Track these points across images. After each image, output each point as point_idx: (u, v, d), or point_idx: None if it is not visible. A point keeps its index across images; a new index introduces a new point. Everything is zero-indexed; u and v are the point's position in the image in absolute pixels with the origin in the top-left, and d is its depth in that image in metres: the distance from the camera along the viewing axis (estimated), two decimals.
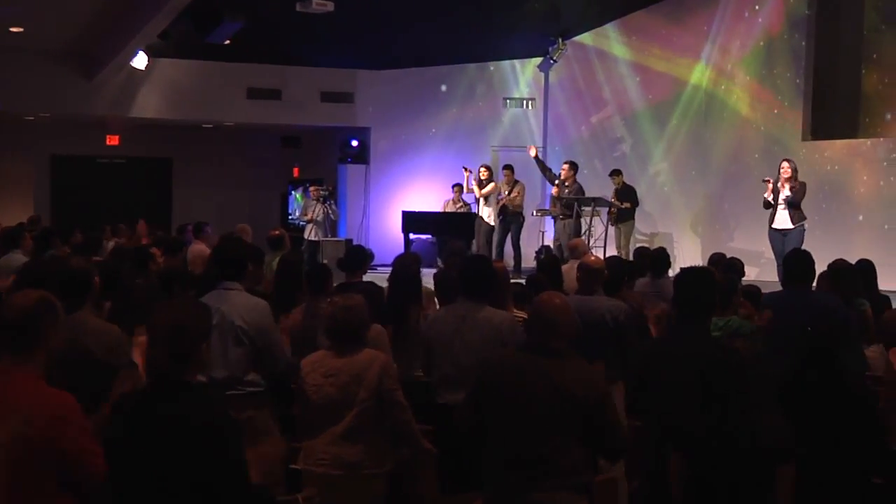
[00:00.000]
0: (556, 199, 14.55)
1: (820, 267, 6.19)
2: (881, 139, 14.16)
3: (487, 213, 14.93)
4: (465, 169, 15.58)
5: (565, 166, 14.52)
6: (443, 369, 5.37)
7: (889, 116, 14.19)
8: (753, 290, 7.04)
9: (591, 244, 13.91)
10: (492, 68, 18.22)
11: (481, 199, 15.26)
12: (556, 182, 14.33)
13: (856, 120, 14.62)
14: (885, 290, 8.14)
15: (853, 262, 7.38)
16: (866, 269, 7.77)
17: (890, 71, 14.17)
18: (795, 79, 14.92)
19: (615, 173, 15.62)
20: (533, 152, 15.05)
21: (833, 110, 14.90)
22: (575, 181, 14.46)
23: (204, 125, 18.89)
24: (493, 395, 4.05)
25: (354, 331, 4.80)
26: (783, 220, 12.09)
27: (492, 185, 14.96)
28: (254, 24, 14.48)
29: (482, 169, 15.26)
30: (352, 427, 4.67)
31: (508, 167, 15.52)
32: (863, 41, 14.55)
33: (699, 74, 16.17)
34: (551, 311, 4.07)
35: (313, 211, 16.11)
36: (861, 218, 14.04)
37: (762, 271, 13.82)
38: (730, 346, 3.65)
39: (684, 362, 4.20)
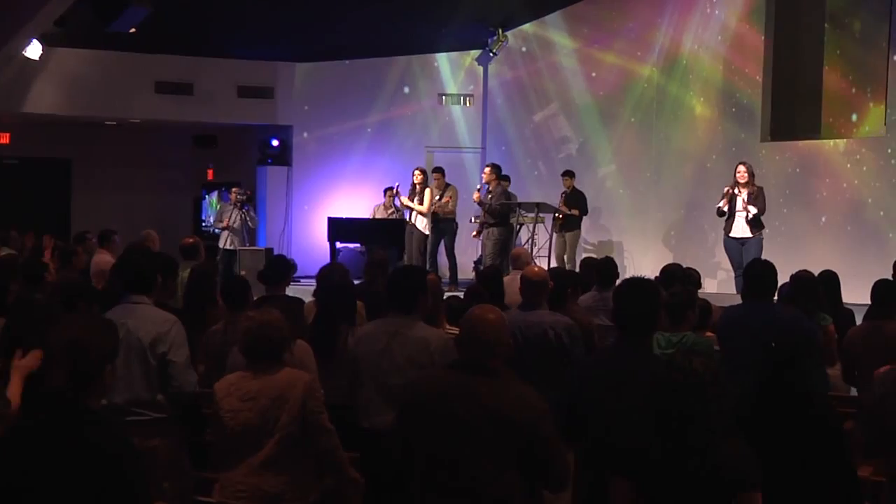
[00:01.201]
0: (482, 209, 14.36)
1: (780, 277, 6.26)
2: (845, 140, 14.44)
3: (421, 221, 14.82)
4: (392, 190, 15.44)
5: (487, 169, 14.51)
6: (369, 390, 5.34)
7: (856, 117, 14.48)
8: (703, 304, 7.10)
9: (534, 254, 13.98)
10: (426, 62, 18.26)
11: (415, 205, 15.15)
12: (479, 186, 14.32)
13: (817, 120, 14.91)
14: (849, 304, 8.27)
15: (815, 270, 7.47)
16: (829, 281, 7.88)
17: (854, 68, 14.48)
18: (755, 76, 15.16)
19: (567, 175, 15.65)
20: (476, 196, 14.51)
21: (794, 109, 15.18)
22: (499, 184, 14.40)
23: (107, 122, 18.63)
24: (420, 419, 4.04)
25: (273, 348, 4.77)
26: (741, 228, 12.22)
27: (429, 191, 14.86)
28: (162, 11, 14.32)
29: (416, 172, 15.09)
30: (273, 456, 4.63)
31: (438, 170, 15.41)
32: (824, 37, 14.84)
33: (651, 69, 16.37)
34: (484, 326, 4.07)
35: (230, 217, 15.98)
36: (823, 221, 14.31)
37: (720, 283, 14.02)
38: (686, 364, 3.68)
39: (629, 383, 4.22)
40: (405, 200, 15.03)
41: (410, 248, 14.78)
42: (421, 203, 14.75)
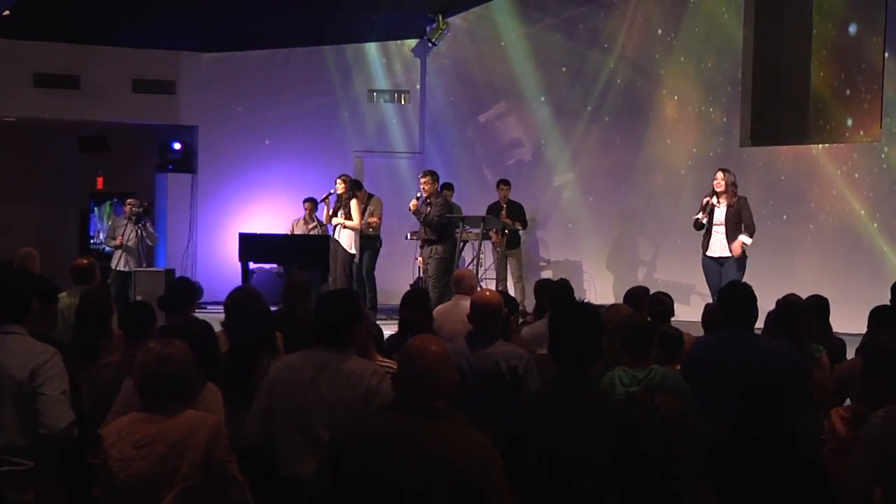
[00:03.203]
0: (420, 221, 14.08)
1: (763, 301, 6.32)
2: (834, 145, 14.66)
3: (347, 239, 14.66)
4: (324, 199, 15.17)
5: (425, 178, 14.08)
6: (291, 432, 5.31)
7: (851, 121, 14.71)
8: (674, 334, 7.12)
9: (480, 276, 13.99)
10: (353, 53, 18.27)
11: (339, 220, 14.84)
12: (417, 195, 14.03)
13: (803, 122, 15.13)
14: (840, 333, 8.37)
15: (801, 293, 7.55)
16: (818, 308, 7.96)
17: (845, 66, 14.71)
18: (734, 72, 15.34)
19: (504, 184, 15.75)
20: (413, 204, 14.11)
21: (778, 111, 15.39)
22: (439, 195, 14.23)
23: None
24: (352, 468, 4.03)
25: (174, 386, 4.73)
26: (719, 245, 12.14)
27: (355, 204, 14.69)
28: None
29: (338, 181, 14.88)
30: None
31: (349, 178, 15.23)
32: (812, 31, 15.08)
33: (615, 65, 16.50)
34: (426, 361, 4.05)
35: (123, 233, 15.83)
36: (810, 238, 14.51)
37: (693, 309, 14.12)
38: (648, 402, 3.70)
39: (576, 425, 4.24)
40: (336, 219, 14.70)
41: (335, 270, 14.65)
42: (348, 217, 14.58)
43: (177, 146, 18.25)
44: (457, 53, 17.91)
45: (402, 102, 18.43)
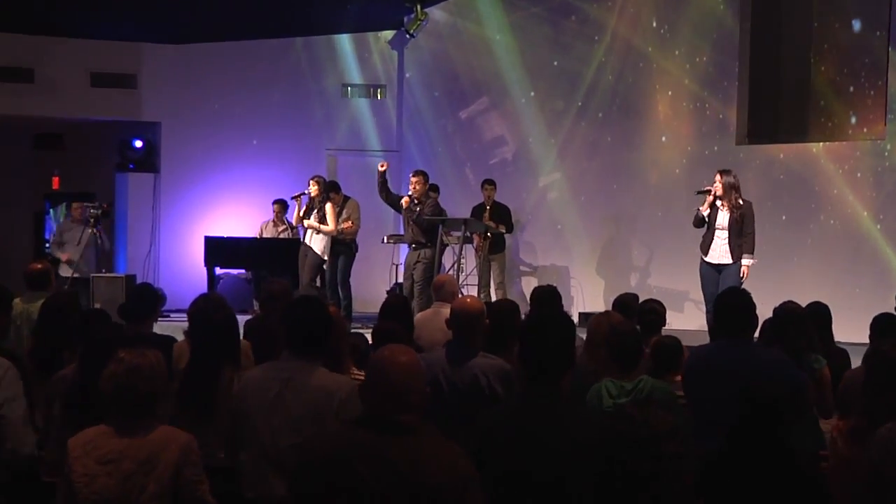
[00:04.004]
0: (407, 221, 14.09)
1: (759, 309, 6.33)
2: (836, 143, 14.72)
3: (319, 243, 14.54)
4: (295, 198, 15.10)
5: (417, 177, 13.99)
6: (256, 452, 5.31)
7: (855, 119, 14.76)
8: (671, 343, 7.14)
9: (461, 282, 13.99)
10: (326, 45, 18.25)
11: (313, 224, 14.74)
12: (408, 194, 13.99)
13: (804, 119, 15.19)
14: (842, 342, 8.39)
15: (801, 301, 7.55)
16: (819, 316, 7.97)
17: (848, 61, 14.77)
18: (732, 68, 15.38)
19: (489, 184, 15.74)
20: (382, 168, 14.22)
21: (777, 107, 15.44)
22: (429, 196, 14.20)
23: None
24: (318, 489, 4.03)
25: (144, 400, 4.72)
26: (719, 252, 11.92)
27: (330, 207, 14.62)
28: None
29: (311, 183, 14.72)
30: None
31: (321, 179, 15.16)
32: (813, 23, 15.12)
33: (605, 58, 16.52)
34: (395, 372, 4.05)
35: (78, 238, 15.75)
36: (810, 241, 14.57)
37: (687, 317, 14.15)
38: (636, 415, 3.71)
39: (543, 438, 4.26)
40: (309, 221, 14.60)
41: (303, 274, 14.54)
42: (323, 221, 14.44)
43: (138, 144, 18.19)
44: (436, 45, 17.91)
45: (378, 98, 18.42)
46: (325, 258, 14.55)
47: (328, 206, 14.46)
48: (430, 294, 12.76)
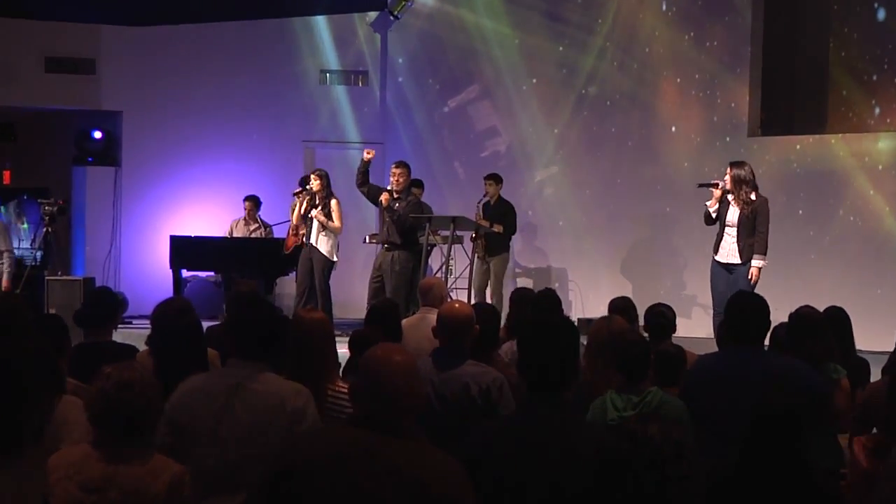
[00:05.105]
0: (383, 218, 13.90)
1: (773, 314, 6.33)
2: (855, 135, 14.74)
3: (326, 244, 14.28)
4: (298, 195, 14.85)
5: (399, 169, 13.98)
6: (201, 464, 5.27)
7: (878, 109, 14.78)
8: (675, 352, 7.15)
9: (450, 286, 13.98)
10: (302, 27, 18.24)
11: (315, 223, 14.53)
12: (387, 189, 13.89)
13: (822, 110, 15.21)
14: (863, 351, 8.40)
15: (818, 306, 7.56)
16: (838, 321, 7.98)
17: (873, 48, 14.78)
18: (745, 53, 15.39)
19: (493, 179, 15.57)
20: (368, 156, 14.15)
21: (792, 97, 15.46)
22: (410, 192, 14.19)
23: None
24: (304, 493, 4.02)
25: (135, 420, 4.67)
26: (728, 250, 11.86)
27: (335, 204, 14.36)
28: None
29: (313, 178, 14.49)
30: None
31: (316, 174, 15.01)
32: (832, 8, 15.15)
33: (608, 42, 16.53)
34: (390, 371, 4.05)
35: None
36: (828, 239, 14.59)
37: (695, 323, 14.16)
38: (640, 431, 3.70)
39: (545, 453, 4.26)
40: (316, 212, 14.24)
41: (305, 279, 14.33)
42: (329, 218, 14.17)
43: (97, 135, 18.16)
44: (422, 28, 17.91)
45: (360, 85, 18.42)
46: (335, 259, 14.27)
47: (333, 203, 14.30)
48: (406, 301, 12.77)
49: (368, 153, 14.07)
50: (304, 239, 14.50)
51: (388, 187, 13.86)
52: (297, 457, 4.10)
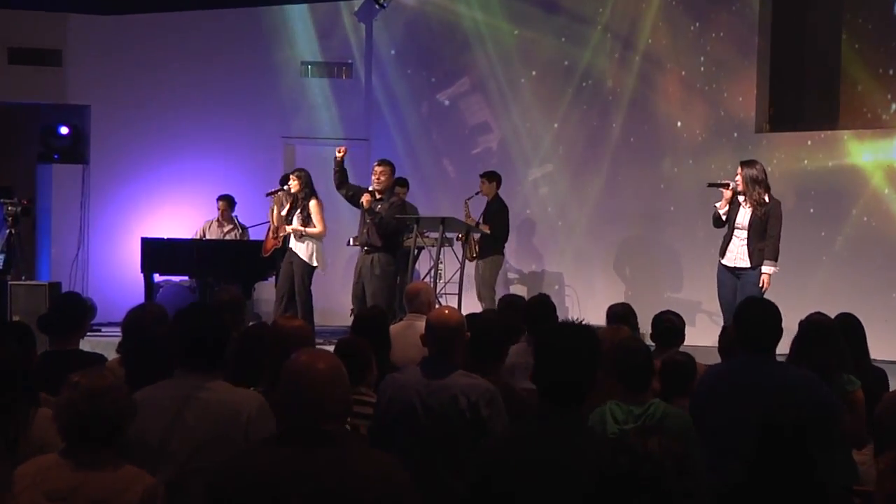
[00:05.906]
0: (363, 219, 13.80)
1: (784, 322, 6.33)
2: (869, 131, 14.76)
3: (305, 249, 14.19)
4: (272, 194, 14.77)
5: (383, 167, 13.88)
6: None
7: (894, 105, 14.78)
8: (684, 361, 7.17)
9: (439, 291, 13.96)
10: (279, 15, 18.22)
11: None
12: (370, 189, 13.82)
13: (833, 104, 15.22)
14: (878, 361, 8.40)
15: (828, 312, 7.57)
16: (851, 330, 7.99)
17: (888, 41, 14.80)
18: (752, 44, 15.39)
19: (489, 177, 15.56)
20: (340, 153, 14.10)
21: (802, 90, 15.47)
22: (393, 192, 14.05)
23: None
24: None
25: (107, 429, 4.70)
26: (737, 254, 11.83)
27: (315, 204, 14.29)
28: None
29: (292, 178, 14.40)
30: None
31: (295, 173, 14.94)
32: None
33: (607, 33, 16.53)
34: (312, 378, 4.13)
35: None
36: (839, 242, 14.59)
37: (700, 331, 14.17)
38: (639, 447, 3.68)
39: (559, 471, 4.26)
40: (293, 226, 14.15)
41: (284, 285, 14.29)
42: (308, 223, 14.09)
43: (64, 131, 18.14)
44: (410, 17, 17.90)
45: (343, 77, 18.41)
46: (316, 264, 14.20)
47: (312, 205, 14.20)
48: (386, 307, 12.73)
49: (340, 150, 14.01)
50: (283, 241, 14.49)
51: (370, 187, 13.78)
52: (227, 480, 4.16)
